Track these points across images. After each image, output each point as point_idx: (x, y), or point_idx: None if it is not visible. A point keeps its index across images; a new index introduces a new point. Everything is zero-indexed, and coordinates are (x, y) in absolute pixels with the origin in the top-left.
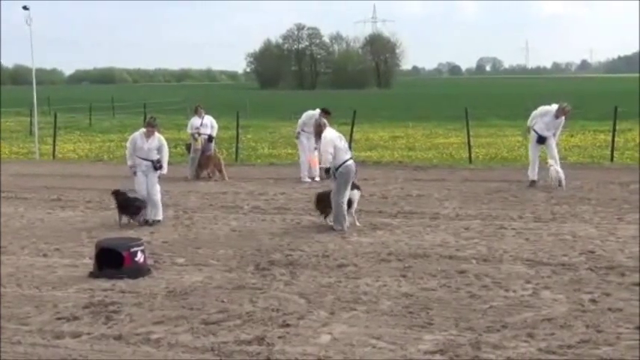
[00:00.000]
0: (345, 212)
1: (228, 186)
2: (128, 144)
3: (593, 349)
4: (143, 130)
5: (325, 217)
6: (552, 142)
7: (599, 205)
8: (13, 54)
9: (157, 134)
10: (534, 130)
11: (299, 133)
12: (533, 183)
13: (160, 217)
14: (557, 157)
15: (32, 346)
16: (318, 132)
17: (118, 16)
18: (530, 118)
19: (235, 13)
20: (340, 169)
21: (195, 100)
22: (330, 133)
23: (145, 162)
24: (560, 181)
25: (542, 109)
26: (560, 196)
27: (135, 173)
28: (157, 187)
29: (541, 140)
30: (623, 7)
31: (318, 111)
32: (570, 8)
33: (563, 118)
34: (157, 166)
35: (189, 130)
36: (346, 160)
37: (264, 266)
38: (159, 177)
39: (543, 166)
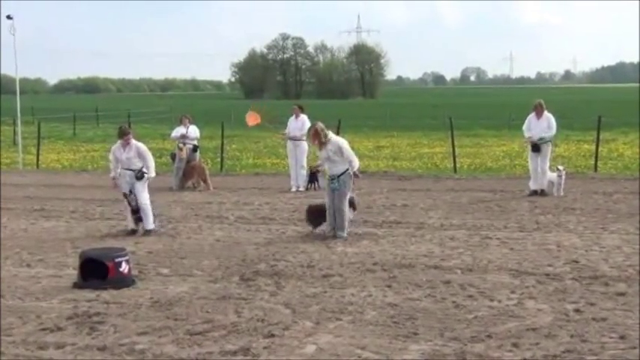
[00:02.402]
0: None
1: (212, 196)
2: (110, 156)
3: (578, 359)
4: (120, 140)
5: (314, 229)
6: (546, 153)
7: (583, 215)
8: None
9: (133, 143)
10: (530, 140)
11: (283, 134)
12: (534, 193)
13: (151, 226)
14: (547, 169)
15: (16, 357)
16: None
17: (103, 26)
18: (524, 130)
19: (220, 23)
20: (343, 177)
21: (180, 110)
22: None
23: (128, 172)
24: (557, 187)
25: (528, 118)
26: (545, 206)
27: (115, 185)
28: (146, 195)
29: (535, 149)
30: (606, 18)
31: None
32: (554, 19)
33: (546, 114)
34: (138, 175)
35: (173, 135)
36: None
37: (249, 276)
38: (147, 182)
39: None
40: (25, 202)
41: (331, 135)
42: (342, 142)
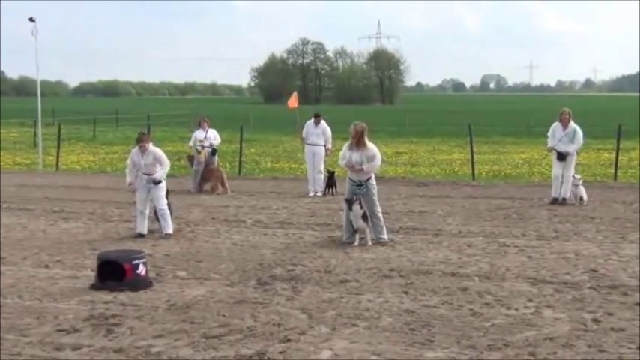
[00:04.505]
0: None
1: (230, 199)
2: (128, 161)
3: None
4: (137, 146)
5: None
6: (571, 162)
7: (602, 224)
8: (18, 65)
9: (151, 149)
10: (554, 149)
11: (302, 138)
12: (554, 201)
13: (169, 230)
14: (570, 176)
15: (32, 358)
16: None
17: (125, 30)
18: (549, 139)
19: (241, 28)
20: (371, 181)
21: (200, 114)
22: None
23: (146, 177)
24: (581, 198)
25: (552, 127)
26: (563, 214)
27: (133, 192)
28: (164, 201)
29: (561, 157)
30: (628, 26)
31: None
32: (575, 27)
33: (572, 125)
34: (156, 180)
35: (190, 144)
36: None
37: (266, 281)
38: (164, 187)
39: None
40: (44, 204)
41: (370, 146)
42: (376, 149)
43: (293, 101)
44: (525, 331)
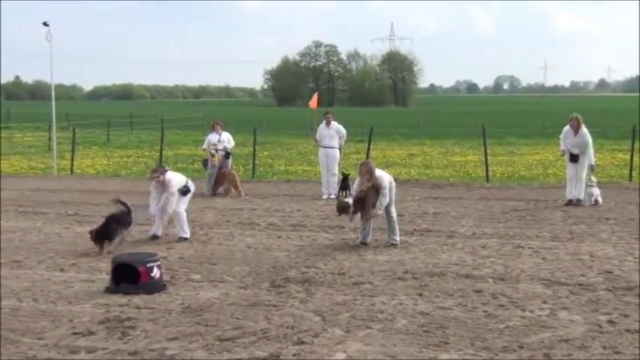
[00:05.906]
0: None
1: (244, 202)
2: (151, 188)
3: None
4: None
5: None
6: (584, 162)
7: (617, 225)
8: (32, 69)
9: (167, 180)
10: (567, 150)
11: (317, 140)
12: (569, 202)
13: (184, 234)
14: (584, 178)
15: None
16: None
17: (138, 33)
18: (561, 142)
19: (254, 30)
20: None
21: (214, 117)
22: (385, 174)
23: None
24: (595, 200)
25: (564, 130)
26: (578, 216)
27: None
28: (183, 205)
29: (573, 158)
30: None
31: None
32: (588, 27)
33: (582, 131)
34: (182, 190)
35: (204, 147)
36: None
37: (280, 283)
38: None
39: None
40: (59, 207)
41: (378, 175)
42: (384, 178)
43: (314, 102)
44: (540, 333)
